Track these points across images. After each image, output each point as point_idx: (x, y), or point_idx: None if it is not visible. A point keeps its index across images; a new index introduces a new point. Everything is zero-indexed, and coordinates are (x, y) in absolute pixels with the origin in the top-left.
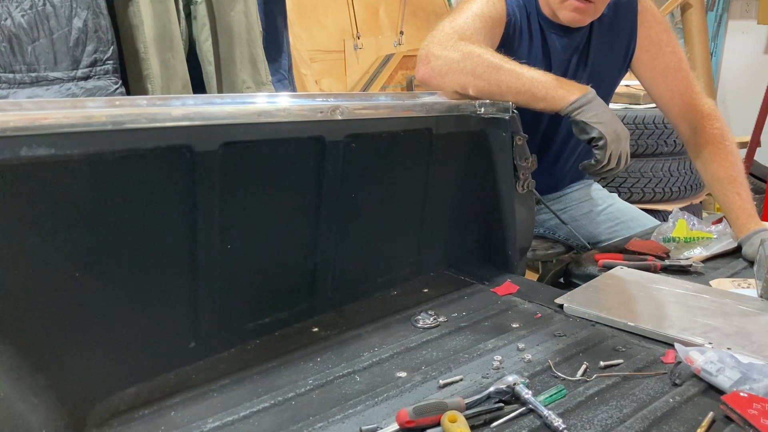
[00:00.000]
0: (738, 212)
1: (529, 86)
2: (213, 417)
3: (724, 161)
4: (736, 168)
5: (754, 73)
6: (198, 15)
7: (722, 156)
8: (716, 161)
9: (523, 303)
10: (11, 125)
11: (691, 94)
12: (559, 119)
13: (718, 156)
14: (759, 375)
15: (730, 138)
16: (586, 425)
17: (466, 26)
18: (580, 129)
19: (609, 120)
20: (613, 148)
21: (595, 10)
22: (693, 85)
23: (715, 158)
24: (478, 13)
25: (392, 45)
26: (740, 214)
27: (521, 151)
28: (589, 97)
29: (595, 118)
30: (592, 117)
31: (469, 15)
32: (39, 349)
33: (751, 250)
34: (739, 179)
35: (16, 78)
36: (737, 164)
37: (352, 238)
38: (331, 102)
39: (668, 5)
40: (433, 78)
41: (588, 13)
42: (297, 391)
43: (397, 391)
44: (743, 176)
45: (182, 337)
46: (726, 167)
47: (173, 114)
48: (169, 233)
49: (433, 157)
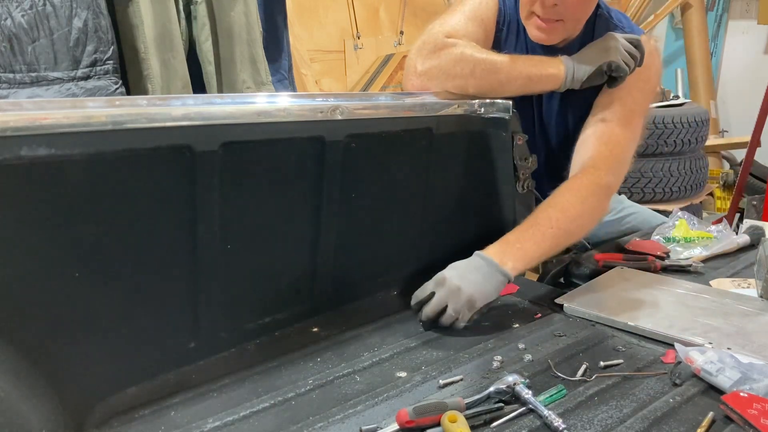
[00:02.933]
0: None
1: (526, 73)
2: (213, 417)
3: (555, 198)
4: (550, 213)
5: (754, 73)
6: (198, 15)
7: (559, 195)
8: (554, 195)
9: (523, 303)
10: (11, 125)
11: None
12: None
13: (557, 193)
14: (759, 375)
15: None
16: (586, 425)
17: (458, 27)
18: (597, 79)
19: (597, 57)
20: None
21: (564, 29)
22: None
23: (555, 193)
24: (469, 15)
25: (392, 45)
26: (501, 240)
27: (521, 151)
28: (569, 64)
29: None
30: (588, 70)
31: (460, 17)
32: (39, 349)
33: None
34: (539, 219)
35: (16, 78)
36: (553, 213)
37: (352, 238)
38: (331, 102)
39: (668, 5)
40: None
41: (554, 31)
42: (297, 391)
43: (397, 391)
44: (546, 224)
45: (182, 337)
46: (545, 206)
47: (173, 114)
48: (169, 233)
49: (433, 157)
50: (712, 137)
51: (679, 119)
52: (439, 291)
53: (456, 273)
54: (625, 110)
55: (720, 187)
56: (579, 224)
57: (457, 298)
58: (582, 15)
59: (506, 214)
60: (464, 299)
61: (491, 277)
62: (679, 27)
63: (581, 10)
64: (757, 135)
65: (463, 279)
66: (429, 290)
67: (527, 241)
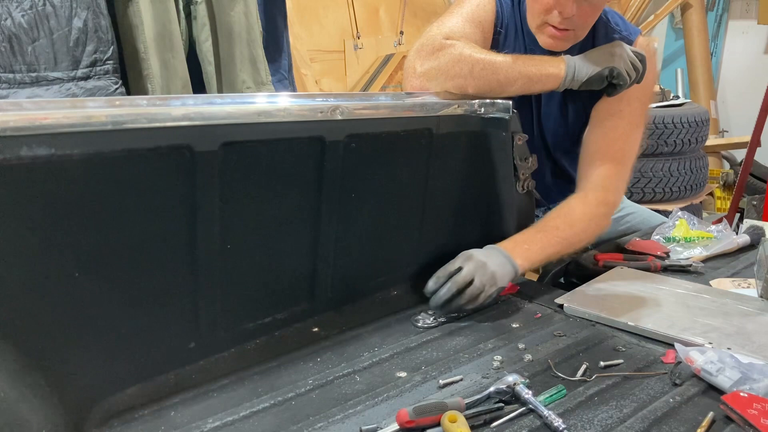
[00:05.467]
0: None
1: (525, 72)
2: (213, 417)
3: (564, 209)
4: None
5: (754, 73)
6: (198, 15)
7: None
8: (564, 206)
9: (523, 303)
10: (11, 125)
11: (603, 178)
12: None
13: (567, 206)
14: (759, 375)
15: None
16: (586, 425)
17: (456, 29)
18: (597, 83)
19: (602, 61)
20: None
21: (575, 37)
22: (610, 175)
23: (565, 205)
24: (467, 17)
25: (392, 45)
26: (510, 239)
27: (521, 151)
28: (571, 63)
29: (590, 69)
30: (589, 72)
31: (458, 19)
32: (39, 349)
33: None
34: (548, 227)
35: (16, 78)
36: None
37: (352, 238)
38: (331, 102)
39: (668, 5)
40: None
41: (567, 39)
42: (297, 391)
43: (397, 391)
44: (553, 232)
45: (182, 337)
46: (554, 215)
47: (173, 114)
48: (169, 233)
49: (433, 157)
50: (712, 137)
51: (679, 119)
52: (468, 264)
53: (479, 253)
54: (626, 123)
55: (720, 187)
56: (582, 238)
57: (483, 272)
58: (591, 24)
59: (506, 214)
60: (489, 273)
61: (507, 263)
62: (679, 27)
63: (591, 20)
64: (757, 135)
65: (487, 258)
66: (457, 264)
67: (534, 244)
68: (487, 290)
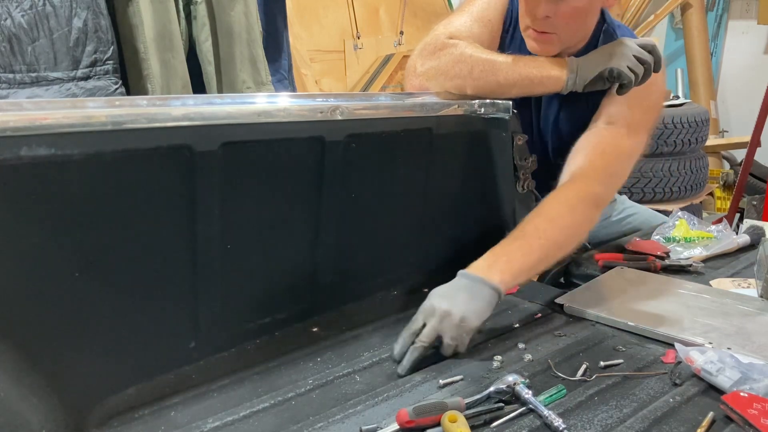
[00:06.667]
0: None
1: (526, 74)
2: (213, 417)
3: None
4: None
5: (754, 73)
6: (198, 15)
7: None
8: (541, 205)
9: (523, 303)
10: (11, 125)
11: (587, 168)
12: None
13: (544, 203)
14: (759, 375)
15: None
16: (586, 425)
17: (463, 28)
18: (599, 84)
19: (600, 62)
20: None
21: (559, 41)
22: (596, 166)
23: (542, 203)
24: (476, 16)
25: (392, 45)
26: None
27: (521, 151)
28: (573, 66)
29: (590, 71)
30: (590, 74)
31: (466, 18)
32: (39, 349)
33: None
34: (527, 231)
35: (16, 78)
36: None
37: (352, 238)
38: (331, 102)
39: (668, 5)
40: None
41: (549, 43)
42: (297, 391)
43: (397, 391)
44: (533, 234)
45: (182, 337)
46: (532, 216)
47: (173, 114)
48: (169, 233)
49: (433, 157)
50: (712, 137)
51: (679, 119)
52: (430, 320)
53: (442, 298)
54: (625, 123)
55: (720, 187)
56: (568, 235)
57: (450, 323)
58: (576, 28)
59: (506, 214)
60: (456, 322)
61: (479, 294)
62: (679, 27)
63: (574, 23)
64: (757, 135)
65: (451, 302)
66: (420, 322)
67: (515, 253)
68: (462, 340)
